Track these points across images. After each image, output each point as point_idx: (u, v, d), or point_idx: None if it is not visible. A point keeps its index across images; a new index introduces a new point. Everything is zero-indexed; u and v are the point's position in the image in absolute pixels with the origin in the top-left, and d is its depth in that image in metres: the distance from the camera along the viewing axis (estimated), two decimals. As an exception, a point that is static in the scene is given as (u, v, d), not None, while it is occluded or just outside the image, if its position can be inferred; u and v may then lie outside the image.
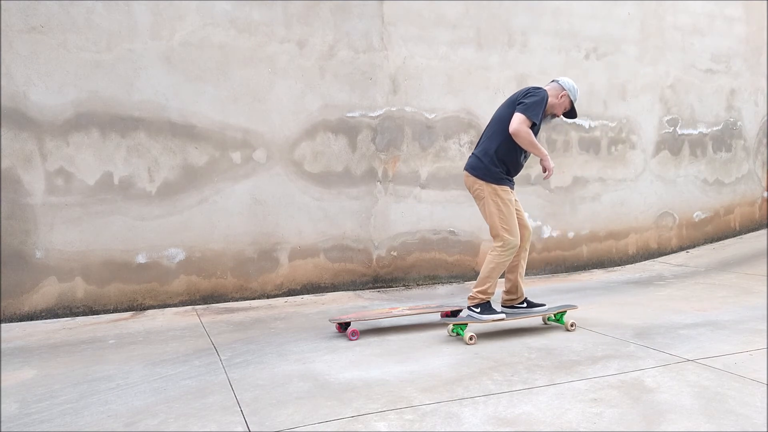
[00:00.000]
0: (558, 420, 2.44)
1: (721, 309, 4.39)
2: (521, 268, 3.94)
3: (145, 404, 2.70)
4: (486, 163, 3.76)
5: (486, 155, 3.77)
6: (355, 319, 3.84)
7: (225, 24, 4.86)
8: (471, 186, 3.86)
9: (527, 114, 3.64)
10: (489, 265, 3.76)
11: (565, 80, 3.90)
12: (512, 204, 3.80)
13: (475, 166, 3.80)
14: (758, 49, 7.61)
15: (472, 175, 3.81)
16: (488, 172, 3.75)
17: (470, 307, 3.82)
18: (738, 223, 7.64)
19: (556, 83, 3.89)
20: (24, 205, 4.39)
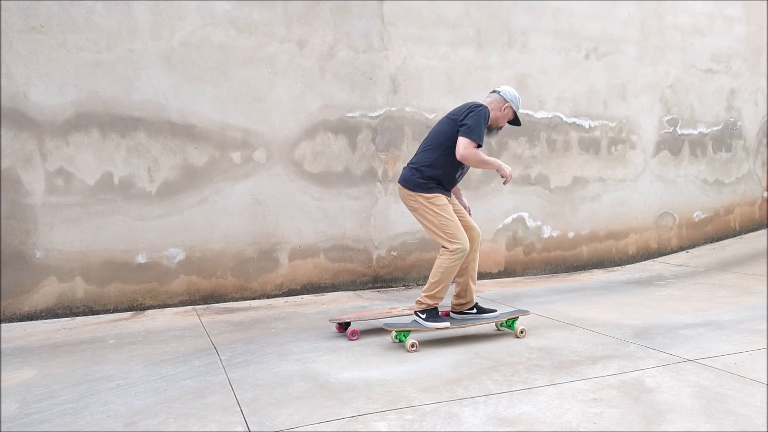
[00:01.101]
0: (558, 420, 2.44)
1: (721, 309, 4.39)
2: (472, 270, 3.82)
3: (145, 404, 2.70)
4: (417, 176, 3.67)
5: (419, 168, 3.69)
6: (355, 319, 3.83)
7: (225, 24, 4.86)
8: (405, 199, 3.77)
9: (471, 137, 3.55)
10: (438, 270, 3.62)
11: (506, 90, 3.79)
12: (449, 208, 3.66)
13: (408, 178, 3.72)
14: (758, 49, 7.61)
15: (405, 188, 3.72)
16: (418, 184, 3.65)
17: (417, 312, 3.68)
18: (738, 223, 7.64)
19: (497, 95, 3.78)
20: (24, 205, 4.39)
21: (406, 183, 3.74)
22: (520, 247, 6.08)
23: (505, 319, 3.81)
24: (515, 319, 3.83)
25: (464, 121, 3.61)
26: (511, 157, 5.99)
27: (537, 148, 6.12)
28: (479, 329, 3.92)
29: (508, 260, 6.03)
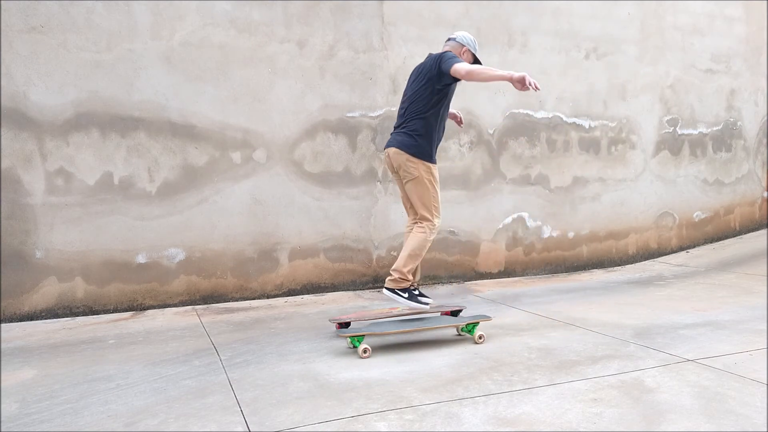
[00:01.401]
0: (558, 420, 2.44)
1: (721, 309, 4.39)
2: None
3: (145, 404, 2.70)
4: (418, 141, 3.66)
5: (414, 135, 3.67)
6: (355, 319, 3.83)
7: (225, 24, 4.86)
8: (402, 164, 3.69)
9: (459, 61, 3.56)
10: (418, 243, 3.65)
11: (462, 35, 3.86)
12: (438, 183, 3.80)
13: (408, 143, 3.67)
14: (758, 49, 7.61)
15: (406, 153, 3.67)
16: (421, 149, 3.67)
17: (397, 290, 3.65)
18: (738, 223, 7.64)
19: (454, 41, 3.84)
20: (24, 205, 4.39)
21: (407, 148, 3.68)
22: (520, 247, 6.08)
23: (465, 324, 3.73)
24: (476, 324, 3.71)
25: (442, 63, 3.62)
26: (511, 157, 5.99)
27: (537, 148, 6.12)
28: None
29: (508, 260, 6.03)
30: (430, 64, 3.68)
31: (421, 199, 3.71)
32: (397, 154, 3.71)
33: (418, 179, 3.69)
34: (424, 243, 3.68)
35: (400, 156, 3.70)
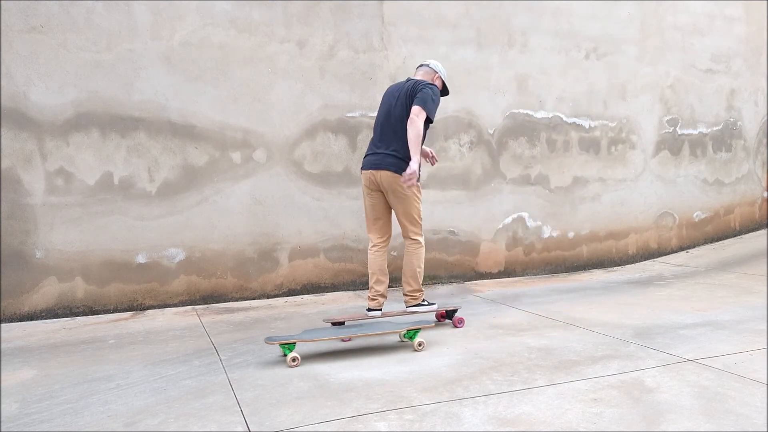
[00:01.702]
0: (558, 420, 2.44)
1: (721, 309, 4.39)
2: None
3: (145, 404, 2.70)
4: (407, 162, 3.82)
5: (404, 158, 3.83)
6: (350, 320, 3.84)
7: (225, 24, 4.86)
8: (396, 187, 3.84)
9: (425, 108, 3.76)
10: (420, 257, 3.97)
11: (434, 63, 4.10)
12: None
13: (399, 165, 3.82)
14: (758, 49, 7.61)
15: (399, 175, 3.82)
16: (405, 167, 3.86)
17: (420, 304, 4.05)
18: (738, 223, 7.64)
19: (428, 67, 4.08)
20: (24, 205, 4.39)
21: (399, 171, 3.82)
22: (520, 247, 6.08)
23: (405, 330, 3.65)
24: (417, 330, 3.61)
25: (419, 95, 3.79)
26: (511, 157, 5.99)
27: (537, 148, 6.12)
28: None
29: (508, 260, 6.03)
30: (414, 89, 3.84)
31: (410, 217, 3.94)
32: (391, 177, 3.83)
33: (409, 199, 3.89)
34: (423, 256, 4.01)
35: (394, 179, 3.83)
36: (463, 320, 4.03)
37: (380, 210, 3.99)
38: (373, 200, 3.97)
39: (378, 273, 3.96)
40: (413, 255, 3.98)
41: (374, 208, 3.98)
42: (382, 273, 3.96)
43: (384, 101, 3.99)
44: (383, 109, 3.96)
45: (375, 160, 3.88)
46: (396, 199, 3.89)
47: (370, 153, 3.94)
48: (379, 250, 3.98)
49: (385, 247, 4.01)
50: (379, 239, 4.00)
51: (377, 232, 4.01)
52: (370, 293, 4.00)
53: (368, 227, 4.05)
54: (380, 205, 3.97)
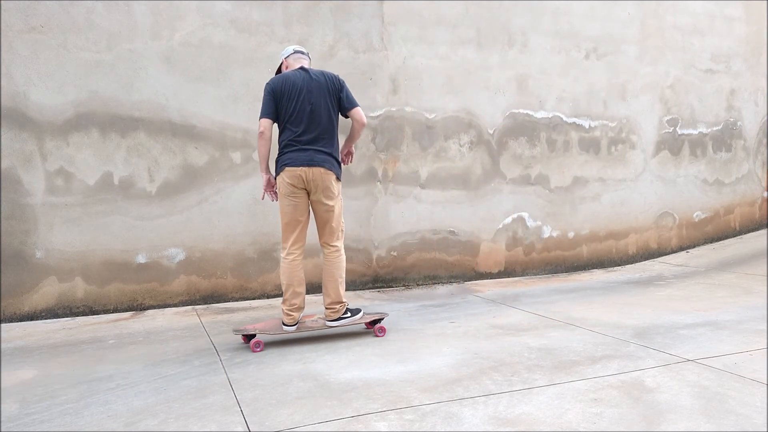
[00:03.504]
0: (558, 420, 2.44)
1: (721, 309, 4.39)
2: None
3: (145, 404, 2.70)
4: (338, 159, 3.71)
5: (336, 151, 3.70)
6: (261, 331, 3.60)
7: (225, 24, 4.86)
8: (329, 185, 3.62)
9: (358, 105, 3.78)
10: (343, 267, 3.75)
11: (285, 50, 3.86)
12: None
13: (334, 164, 3.66)
14: (758, 49, 7.61)
15: (333, 173, 3.64)
16: (340, 169, 3.73)
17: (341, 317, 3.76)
18: (738, 223, 7.64)
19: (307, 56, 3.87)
20: (24, 205, 4.39)
21: (335, 170, 3.67)
22: (520, 247, 6.08)
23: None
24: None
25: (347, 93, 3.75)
26: (511, 157, 5.99)
27: (537, 148, 6.12)
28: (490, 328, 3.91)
29: (508, 260, 6.03)
30: (335, 85, 3.70)
31: (338, 220, 3.75)
32: (326, 174, 3.61)
33: (338, 200, 3.72)
34: (344, 264, 3.78)
35: (329, 176, 3.63)
36: (384, 329, 3.81)
37: (301, 212, 3.66)
38: (297, 200, 3.63)
39: (295, 284, 3.63)
40: (335, 264, 3.70)
41: (297, 209, 3.64)
42: (300, 284, 3.65)
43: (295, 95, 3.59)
44: (301, 104, 3.59)
45: (306, 156, 3.58)
46: (326, 199, 3.64)
47: (295, 149, 3.59)
48: (297, 258, 3.66)
49: (302, 255, 3.70)
50: (298, 247, 3.68)
51: (296, 239, 3.67)
52: (285, 306, 3.65)
53: (286, 233, 3.67)
54: (302, 206, 3.65)
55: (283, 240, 3.70)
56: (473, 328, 4.00)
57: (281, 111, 3.63)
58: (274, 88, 3.62)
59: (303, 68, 3.70)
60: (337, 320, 3.75)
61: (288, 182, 3.59)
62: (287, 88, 3.60)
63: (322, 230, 3.74)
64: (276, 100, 3.61)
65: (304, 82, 3.63)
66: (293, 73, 3.67)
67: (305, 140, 3.60)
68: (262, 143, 3.60)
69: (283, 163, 3.61)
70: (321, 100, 3.63)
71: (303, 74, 3.66)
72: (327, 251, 3.74)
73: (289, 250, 3.67)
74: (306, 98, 3.60)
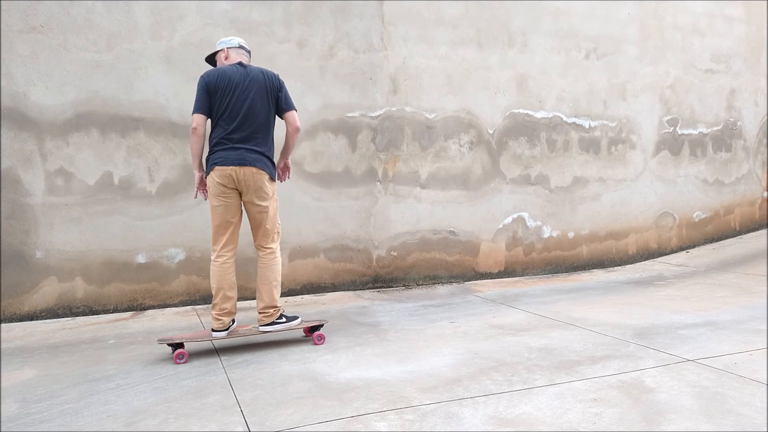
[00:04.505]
0: (558, 420, 2.44)
1: (721, 309, 4.39)
2: None
3: (145, 404, 2.70)
4: (272, 160, 3.58)
5: (269, 151, 3.56)
6: (190, 340, 3.44)
7: (225, 24, 4.86)
8: (262, 185, 3.49)
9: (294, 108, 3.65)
10: (279, 271, 3.60)
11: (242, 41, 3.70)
12: None
13: (268, 164, 3.53)
14: (758, 49, 7.61)
15: (266, 173, 3.51)
16: (274, 170, 3.61)
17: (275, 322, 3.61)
18: (738, 223, 7.64)
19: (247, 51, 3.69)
20: (24, 205, 4.39)
21: (269, 170, 3.54)
22: (520, 247, 6.08)
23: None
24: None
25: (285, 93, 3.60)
26: (511, 157, 5.99)
27: (537, 148, 6.12)
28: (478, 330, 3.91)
29: (508, 260, 6.03)
30: (273, 84, 3.56)
31: (273, 221, 3.60)
32: (259, 174, 3.48)
33: (272, 201, 3.58)
34: (280, 267, 3.63)
35: (262, 176, 3.49)
36: (323, 337, 3.67)
37: (233, 213, 3.52)
38: (228, 201, 3.48)
39: (226, 288, 3.50)
40: (269, 267, 3.57)
41: (228, 210, 3.49)
42: (231, 288, 3.52)
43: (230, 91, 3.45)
44: (235, 100, 3.45)
45: (237, 155, 3.43)
46: (259, 200, 3.51)
47: (227, 147, 3.44)
48: (228, 261, 3.51)
49: (233, 258, 3.55)
50: (229, 249, 3.53)
51: (227, 241, 3.52)
52: (215, 311, 3.51)
53: (217, 235, 3.52)
54: (234, 207, 3.51)
55: (213, 242, 3.54)
56: (473, 328, 4.00)
57: (214, 107, 3.47)
58: (208, 82, 3.45)
59: (241, 64, 3.56)
60: (270, 325, 3.60)
61: (218, 182, 3.44)
62: (222, 83, 3.45)
63: (256, 232, 3.61)
64: (210, 95, 3.46)
65: (241, 77, 3.48)
66: (230, 67, 3.51)
67: (237, 138, 3.46)
68: (194, 140, 3.45)
69: (213, 162, 3.46)
70: (257, 98, 3.49)
71: (240, 70, 3.51)
72: (261, 254, 3.60)
73: (220, 253, 3.51)
74: (241, 95, 3.46)
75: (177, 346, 3.40)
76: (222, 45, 3.64)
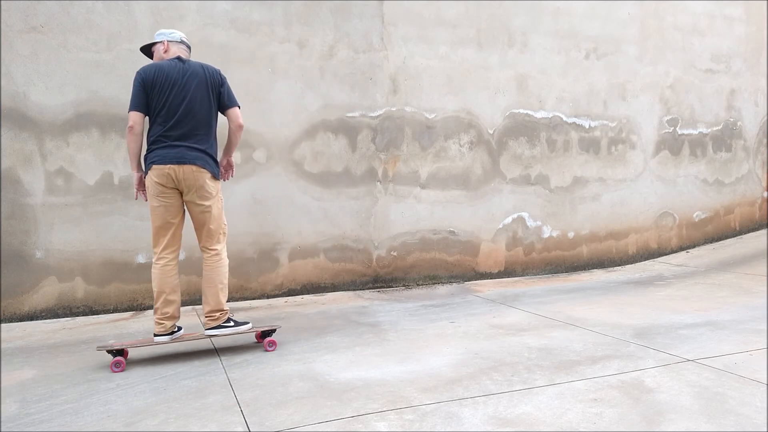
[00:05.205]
0: (558, 420, 2.44)
1: (721, 309, 4.39)
2: None
3: (145, 404, 2.70)
4: (214, 157, 3.44)
5: (211, 148, 3.43)
6: (132, 346, 3.34)
7: (225, 24, 4.86)
8: (203, 185, 3.36)
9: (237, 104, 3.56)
10: (225, 273, 3.48)
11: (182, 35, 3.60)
12: None
13: (210, 162, 3.40)
14: (758, 49, 7.61)
15: (207, 171, 3.38)
16: (216, 171, 3.46)
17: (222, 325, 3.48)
18: (738, 223, 7.64)
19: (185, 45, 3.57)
20: (24, 205, 4.39)
21: (208, 166, 3.39)
22: (520, 247, 6.08)
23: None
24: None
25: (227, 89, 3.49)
26: (511, 157, 5.99)
27: (537, 148, 6.12)
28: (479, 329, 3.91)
29: (508, 260, 6.03)
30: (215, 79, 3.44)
31: (217, 222, 3.47)
32: (200, 172, 3.34)
33: (216, 200, 3.45)
34: (227, 270, 3.52)
35: (202, 174, 3.36)
36: (275, 343, 3.55)
37: (174, 213, 3.38)
38: (168, 201, 3.35)
39: (168, 292, 3.37)
40: (215, 270, 3.45)
41: (168, 210, 3.36)
42: (173, 291, 3.39)
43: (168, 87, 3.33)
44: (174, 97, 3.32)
45: (175, 153, 3.31)
46: (201, 199, 3.38)
47: (165, 145, 3.32)
48: (169, 263, 3.38)
49: (175, 260, 3.42)
50: (170, 251, 3.40)
51: (168, 242, 3.39)
52: (157, 316, 3.39)
53: (157, 236, 3.39)
54: (174, 207, 3.38)
55: (154, 244, 3.41)
56: (473, 328, 4.00)
57: (152, 104, 3.34)
58: (145, 78, 3.33)
59: (180, 58, 3.43)
60: (216, 329, 3.46)
61: (156, 181, 3.31)
62: (160, 78, 3.32)
63: (200, 233, 3.47)
64: (147, 92, 3.33)
65: (179, 73, 3.36)
66: (168, 62, 3.39)
67: (176, 136, 3.32)
68: (131, 138, 3.34)
69: (151, 161, 3.33)
70: (197, 94, 3.36)
71: (179, 65, 3.39)
72: (206, 255, 3.48)
73: (160, 255, 3.38)
74: (180, 91, 3.33)
75: (117, 353, 3.27)
76: (162, 37, 3.50)
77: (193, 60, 3.52)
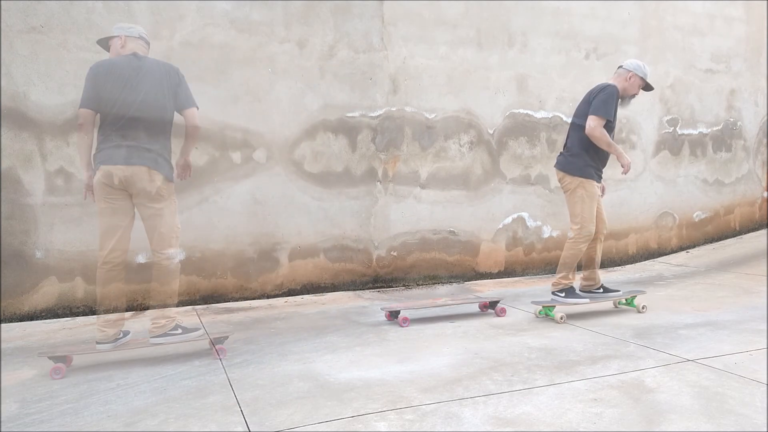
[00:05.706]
0: (558, 420, 2.44)
1: (721, 309, 4.39)
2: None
3: (145, 404, 2.70)
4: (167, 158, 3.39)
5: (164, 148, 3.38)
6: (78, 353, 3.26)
7: (225, 24, 4.86)
8: (158, 188, 3.31)
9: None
10: (174, 282, 3.42)
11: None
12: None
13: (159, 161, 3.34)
14: (758, 49, 7.61)
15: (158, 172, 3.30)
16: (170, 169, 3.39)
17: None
18: (738, 223, 7.64)
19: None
20: (24, 205, 4.39)
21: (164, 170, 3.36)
22: (520, 247, 6.08)
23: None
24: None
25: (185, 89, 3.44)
26: (511, 157, 5.99)
27: (537, 148, 6.12)
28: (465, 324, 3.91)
29: (508, 260, 6.03)
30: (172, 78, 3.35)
31: (169, 225, 3.35)
32: (151, 173, 3.24)
33: (169, 202, 3.35)
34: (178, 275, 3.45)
35: (153, 175, 3.25)
36: (224, 351, 3.43)
37: (121, 216, 3.28)
38: (115, 204, 3.24)
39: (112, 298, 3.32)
40: (168, 275, 3.36)
41: (115, 213, 3.25)
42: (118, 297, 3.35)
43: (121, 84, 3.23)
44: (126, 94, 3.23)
45: (124, 153, 3.21)
46: (151, 201, 3.27)
47: (114, 145, 3.21)
48: (115, 268, 3.30)
49: (122, 264, 3.32)
50: (117, 255, 3.29)
51: (115, 246, 3.28)
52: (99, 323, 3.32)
53: (104, 239, 3.27)
54: (122, 210, 3.27)
55: (100, 247, 3.28)
56: (473, 328, 4.00)
57: (103, 101, 3.22)
58: (96, 74, 3.22)
59: (135, 55, 3.31)
60: (162, 336, 3.37)
61: (103, 182, 3.21)
62: (112, 75, 3.22)
63: (151, 236, 3.35)
64: (98, 89, 3.22)
65: (133, 70, 3.24)
66: (122, 59, 3.27)
67: (126, 135, 3.22)
68: (80, 136, 3.24)
69: (99, 161, 3.23)
70: (152, 92, 3.25)
71: (133, 61, 3.27)
72: (156, 260, 3.36)
73: (106, 259, 3.27)
74: (133, 89, 3.22)
75: (59, 359, 3.16)
76: (120, 31, 3.37)
77: (150, 57, 3.41)
